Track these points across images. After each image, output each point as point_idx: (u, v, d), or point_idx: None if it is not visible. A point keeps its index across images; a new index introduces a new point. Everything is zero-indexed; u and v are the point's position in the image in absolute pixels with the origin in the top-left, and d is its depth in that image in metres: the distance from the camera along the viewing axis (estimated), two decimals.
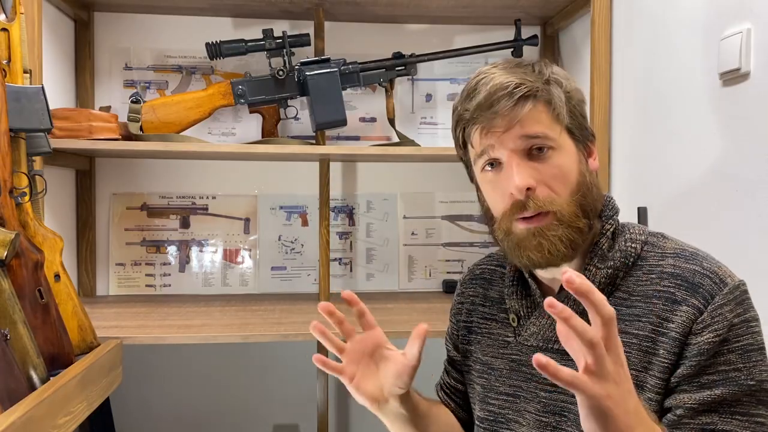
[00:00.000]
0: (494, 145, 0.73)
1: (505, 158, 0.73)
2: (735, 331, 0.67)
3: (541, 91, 0.73)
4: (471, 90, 0.76)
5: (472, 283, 0.95)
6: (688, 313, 0.68)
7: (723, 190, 1.11)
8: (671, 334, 0.69)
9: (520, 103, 0.72)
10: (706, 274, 0.71)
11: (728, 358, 0.66)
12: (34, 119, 1.07)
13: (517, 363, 0.82)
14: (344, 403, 1.94)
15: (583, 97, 0.79)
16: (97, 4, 1.73)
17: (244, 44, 1.58)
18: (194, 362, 1.86)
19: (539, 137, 0.72)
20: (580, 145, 0.77)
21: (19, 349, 0.96)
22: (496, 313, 0.88)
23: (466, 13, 1.80)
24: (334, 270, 1.88)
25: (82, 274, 1.76)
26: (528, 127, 0.72)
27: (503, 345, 0.85)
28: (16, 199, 1.06)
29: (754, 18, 1.02)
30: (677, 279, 0.72)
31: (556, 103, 0.73)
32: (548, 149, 0.73)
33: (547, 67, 0.76)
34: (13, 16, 1.09)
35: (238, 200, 1.87)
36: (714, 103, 1.13)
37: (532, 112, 0.72)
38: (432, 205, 1.93)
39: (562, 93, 0.74)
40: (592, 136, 0.80)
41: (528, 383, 0.80)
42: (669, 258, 0.75)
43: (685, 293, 0.70)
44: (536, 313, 0.80)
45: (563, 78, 0.76)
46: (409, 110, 1.91)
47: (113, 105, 1.75)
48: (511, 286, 0.84)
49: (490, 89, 0.73)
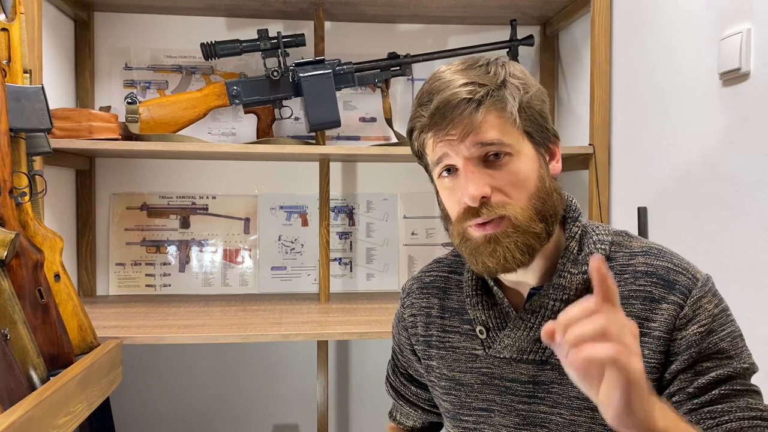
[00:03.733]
0: (449, 153, 0.71)
1: (461, 165, 0.71)
2: (718, 320, 0.68)
3: (495, 96, 0.70)
4: (425, 94, 0.72)
5: (424, 293, 0.88)
6: (669, 311, 0.69)
7: (723, 190, 1.11)
8: (654, 333, 0.69)
9: (474, 110, 0.69)
10: (678, 270, 0.71)
11: (720, 347, 0.67)
12: (34, 119, 1.07)
13: (488, 376, 0.79)
14: (344, 403, 1.94)
15: (544, 97, 0.75)
16: (97, 4, 1.73)
17: (239, 45, 1.59)
18: (194, 362, 1.86)
19: (494, 144, 0.69)
20: (541, 149, 0.74)
21: (19, 349, 0.96)
22: (458, 324, 0.83)
23: (465, 14, 1.80)
24: (334, 270, 1.88)
25: (82, 274, 1.76)
26: (482, 134, 0.69)
27: (471, 359, 0.80)
28: (16, 199, 1.06)
29: (754, 18, 1.03)
30: (652, 277, 0.71)
31: (511, 108, 0.70)
32: (505, 155, 0.70)
33: (504, 67, 0.72)
34: (13, 16, 1.09)
35: (238, 200, 1.87)
36: (714, 103, 1.13)
37: (487, 118, 0.69)
38: (432, 205, 1.93)
39: (518, 95, 0.71)
40: (554, 137, 0.76)
41: (503, 396, 0.77)
42: (639, 256, 0.74)
43: (662, 291, 0.70)
44: (510, 326, 0.76)
45: (520, 79, 0.72)
46: (408, 110, 1.90)
47: (113, 105, 1.75)
48: (474, 295, 0.80)
49: (443, 97, 0.70)
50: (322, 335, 1.37)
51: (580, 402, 0.72)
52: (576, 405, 0.73)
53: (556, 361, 0.74)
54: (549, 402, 0.74)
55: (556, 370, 0.74)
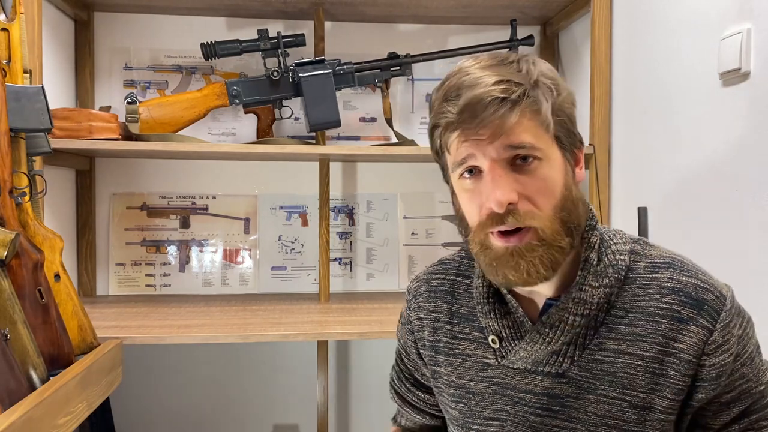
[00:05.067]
0: (475, 154, 0.66)
1: (486, 168, 0.66)
2: (741, 342, 0.69)
3: (529, 97, 0.66)
4: (452, 90, 0.67)
5: (431, 297, 0.84)
6: (699, 334, 0.67)
7: (723, 190, 1.11)
8: (683, 356, 0.67)
9: (508, 110, 0.64)
10: (706, 288, 0.69)
11: (741, 372, 0.69)
12: (34, 119, 1.07)
13: (501, 386, 0.76)
14: (344, 403, 1.94)
15: (574, 100, 0.72)
16: (97, 4, 1.73)
17: (239, 45, 1.59)
18: (194, 362, 1.86)
19: (525, 147, 0.65)
20: (567, 154, 0.70)
21: (19, 349, 0.96)
22: (469, 332, 0.79)
23: (465, 14, 1.80)
24: (334, 270, 1.88)
25: (82, 274, 1.76)
26: (514, 137, 0.65)
27: (482, 367, 0.77)
28: (16, 199, 1.06)
29: (754, 18, 1.02)
30: (680, 295, 0.69)
31: (545, 112, 0.66)
32: (533, 160, 0.66)
33: (536, 65, 0.69)
34: (13, 16, 1.09)
35: (238, 200, 1.87)
36: (714, 103, 1.13)
37: (521, 120, 0.65)
38: (432, 205, 1.93)
39: (550, 97, 0.67)
40: (579, 142, 0.73)
41: (515, 407, 0.75)
42: (662, 270, 0.71)
43: (691, 311, 0.68)
44: (527, 339, 0.72)
45: (552, 79, 0.69)
46: (408, 110, 1.91)
47: (113, 105, 1.75)
48: (486, 303, 0.76)
49: (474, 93, 0.65)
50: (322, 335, 1.37)
51: (597, 418, 0.70)
52: (593, 421, 0.71)
53: (572, 375, 0.71)
54: (563, 416, 0.72)
55: (573, 384, 0.71)
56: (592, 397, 0.70)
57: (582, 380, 0.70)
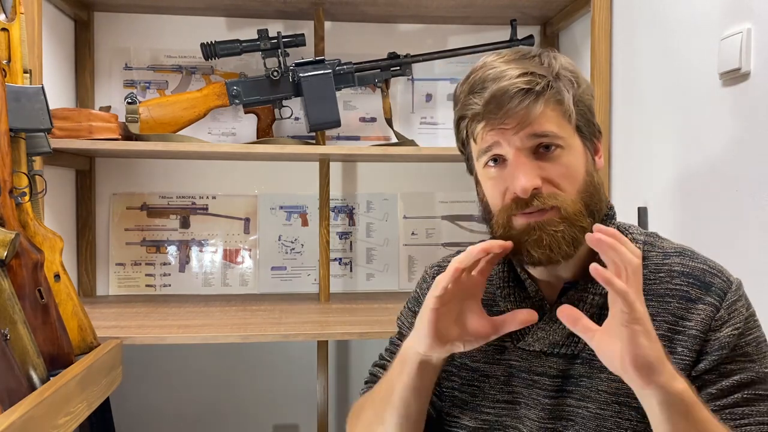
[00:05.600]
0: (500, 143, 0.70)
1: (511, 156, 0.70)
2: (748, 324, 0.70)
3: (552, 89, 0.70)
4: (478, 83, 0.71)
5: None
6: (706, 311, 0.70)
7: (723, 190, 1.11)
8: (690, 332, 0.70)
9: (532, 101, 0.68)
10: (714, 272, 0.73)
11: (745, 350, 0.69)
12: (34, 119, 1.07)
13: (516, 369, 0.78)
14: (344, 403, 1.93)
15: (592, 92, 0.76)
16: (97, 4, 1.73)
17: (239, 45, 1.59)
18: (194, 362, 1.86)
19: (548, 136, 0.69)
20: (588, 143, 0.74)
21: (19, 349, 0.96)
22: None
23: (465, 13, 1.80)
24: (334, 270, 1.88)
25: (82, 274, 1.76)
26: (538, 126, 0.69)
27: (499, 350, 0.80)
28: (16, 199, 1.06)
29: (754, 18, 1.02)
30: (689, 278, 0.73)
31: (567, 102, 0.70)
32: (556, 148, 0.70)
33: (557, 59, 0.73)
34: (13, 16, 1.09)
35: (238, 200, 1.87)
36: (714, 103, 1.13)
37: (545, 111, 0.69)
38: (432, 205, 1.93)
39: (571, 89, 0.71)
40: (598, 132, 0.77)
41: (530, 390, 0.77)
42: (673, 257, 0.75)
43: (698, 291, 0.71)
44: (546, 318, 0.75)
45: (572, 72, 0.73)
46: (408, 110, 1.91)
47: (113, 105, 1.75)
48: (506, 287, 0.79)
49: (499, 86, 0.68)
50: (322, 335, 1.37)
51: (608, 396, 0.72)
52: (603, 399, 0.73)
53: (587, 355, 0.73)
54: (577, 395, 0.74)
55: (586, 364, 0.74)
56: (604, 376, 0.72)
57: (595, 359, 0.70)
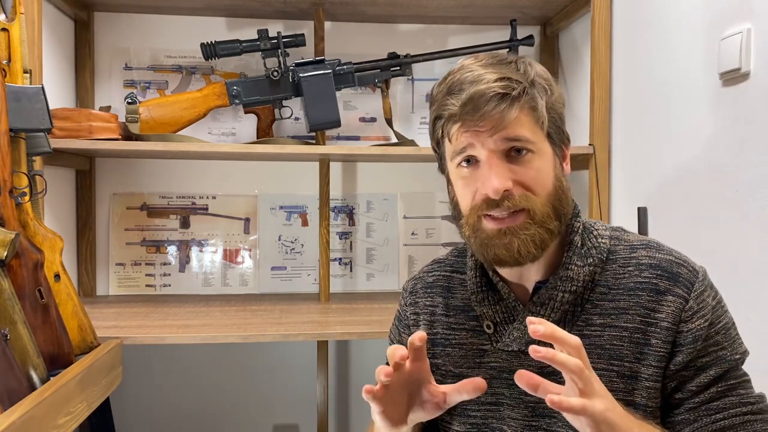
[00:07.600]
0: (474, 144, 0.72)
1: (484, 158, 0.72)
2: (716, 312, 0.73)
3: (528, 95, 0.72)
4: (456, 84, 0.73)
5: (428, 292, 0.89)
6: (676, 303, 0.72)
7: (723, 190, 1.11)
8: (662, 324, 0.72)
9: (508, 106, 0.70)
10: (680, 263, 0.75)
11: (716, 339, 0.72)
12: (34, 119, 1.07)
13: (497, 370, 0.80)
14: (344, 403, 1.94)
15: (564, 101, 0.79)
16: (97, 4, 1.73)
17: (239, 45, 1.59)
18: (194, 362, 1.86)
19: (521, 140, 0.72)
20: (557, 149, 0.77)
21: (19, 349, 0.96)
22: (464, 321, 0.84)
23: (465, 14, 1.80)
24: (334, 270, 1.88)
25: (82, 274, 1.76)
26: (512, 131, 0.71)
27: (479, 354, 0.82)
28: (16, 199, 1.06)
29: (754, 18, 1.03)
30: (656, 270, 0.75)
31: (540, 109, 0.73)
32: (528, 152, 0.72)
33: (532, 66, 0.75)
34: (13, 16, 1.09)
35: (238, 200, 1.87)
36: (714, 103, 1.13)
37: (519, 116, 0.71)
38: (432, 205, 1.93)
39: (545, 96, 0.74)
40: (567, 140, 0.80)
41: (511, 390, 0.78)
42: (640, 249, 0.78)
43: (667, 283, 0.74)
44: (519, 318, 0.78)
45: (546, 80, 0.75)
46: (408, 110, 1.91)
47: (113, 105, 1.75)
48: (480, 292, 0.81)
49: (477, 89, 0.70)
50: (322, 335, 1.37)
51: None
52: None
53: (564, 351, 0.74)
54: (557, 392, 0.74)
55: None
56: None
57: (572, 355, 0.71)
